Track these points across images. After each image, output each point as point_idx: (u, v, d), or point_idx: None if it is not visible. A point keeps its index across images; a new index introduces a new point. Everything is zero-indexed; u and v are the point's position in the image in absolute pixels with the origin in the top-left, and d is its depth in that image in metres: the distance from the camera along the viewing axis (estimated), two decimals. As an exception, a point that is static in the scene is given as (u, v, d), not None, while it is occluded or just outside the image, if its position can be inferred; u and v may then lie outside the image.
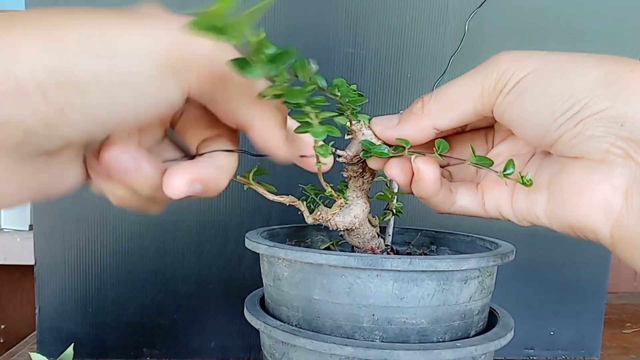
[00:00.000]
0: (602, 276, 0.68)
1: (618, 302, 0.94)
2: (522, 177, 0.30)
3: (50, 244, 0.61)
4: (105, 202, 0.61)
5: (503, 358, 0.67)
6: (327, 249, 0.46)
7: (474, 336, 0.38)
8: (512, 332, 0.39)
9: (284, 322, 0.39)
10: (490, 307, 0.43)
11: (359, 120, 0.34)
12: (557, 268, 0.67)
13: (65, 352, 0.39)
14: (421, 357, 0.33)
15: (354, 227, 0.39)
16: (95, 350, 0.63)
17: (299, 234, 0.50)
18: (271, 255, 0.39)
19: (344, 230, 0.40)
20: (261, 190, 0.36)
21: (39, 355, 0.39)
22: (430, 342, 0.36)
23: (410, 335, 0.36)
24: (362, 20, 0.61)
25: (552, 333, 0.68)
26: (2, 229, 0.83)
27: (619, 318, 0.84)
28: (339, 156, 0.36)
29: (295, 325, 0.38)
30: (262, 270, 0.43)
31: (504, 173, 0.30)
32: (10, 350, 0.66)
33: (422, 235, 0.51)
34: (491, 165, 0.31)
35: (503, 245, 0.42)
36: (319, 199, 0.42)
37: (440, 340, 0.36)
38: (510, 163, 0.30)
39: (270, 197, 0.36)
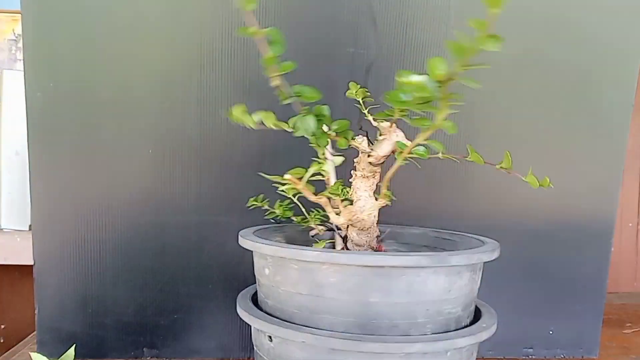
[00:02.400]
0: (601, 275, 0.68)
1: (618, 302, 0.94)
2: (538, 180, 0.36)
3: (49, 244, 0.61)
4: (105, 202, 0.61)
5: (503, 357, 0.67)
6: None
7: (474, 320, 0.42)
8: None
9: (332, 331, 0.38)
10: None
11: (394, 123, 0.36)
12: (556, 267, 0.67)
13: (66, 353, 0.39)
14: (473, 340, 0.38)
15: (371, 226, 0.40)
16: (95, 350, 0.63)
17: (281, 233, 0.51)
18: (312, 261, 0.37)
19: (359, 230, 0.40)
20: (306, 192, 0.36)
21: (39, 355, 0.39)
22: (466, 327, 0.40)
23: (450, 324, 0.39)
24: (363, 20, 0.61)
25: (551, 332, 0.68)
26: (2, 229, 0.83)
27: (619, 318, 0.84)
28: (370, 156, 0.37)
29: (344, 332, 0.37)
30: (286, 278, 0.40)
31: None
32: (10, 350, 0.66)
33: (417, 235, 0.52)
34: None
35: (488, 243, 0.44)
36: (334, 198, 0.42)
37: (466, 325, 0.40)
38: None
39: (313, 198, 0.37)
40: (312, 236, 0.47)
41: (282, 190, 0.39)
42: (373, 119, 0.39)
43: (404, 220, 0.53)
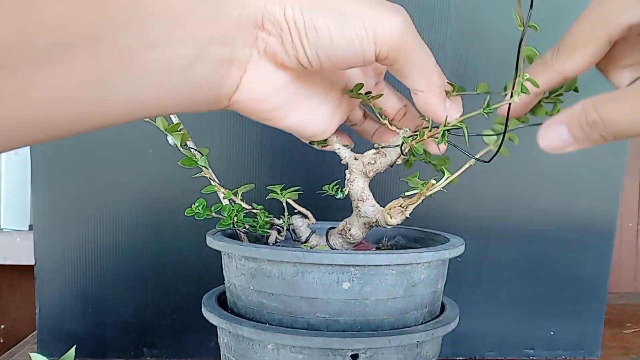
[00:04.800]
0: (603, 276, 0.68)
1: (618, 302, 0.94)
2: None
3: (50, 244, 0.61)
4: (105, 202, 0.61)
5: (503, 358, 0.67)
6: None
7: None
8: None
9: None
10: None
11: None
12: (557, 268, 0.67)
13: (67, 354, 0.39)
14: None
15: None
16: (95, 350, 0.62)
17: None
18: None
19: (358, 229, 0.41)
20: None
21: (39, 355, 0.39)
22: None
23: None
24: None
25: (552, 333, 0.68)
26: (2, 229, 0.83)
27: (619, 318, 0.84)
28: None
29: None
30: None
31: None
32: (10, 350, 0.66)
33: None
34: None
35: (452, 240, 0.44)
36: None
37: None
38: None
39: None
40: (274, 243, 0.46)
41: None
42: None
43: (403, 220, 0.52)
